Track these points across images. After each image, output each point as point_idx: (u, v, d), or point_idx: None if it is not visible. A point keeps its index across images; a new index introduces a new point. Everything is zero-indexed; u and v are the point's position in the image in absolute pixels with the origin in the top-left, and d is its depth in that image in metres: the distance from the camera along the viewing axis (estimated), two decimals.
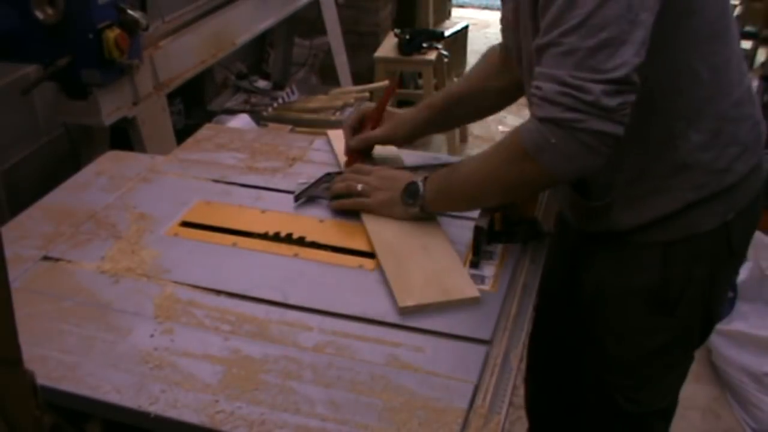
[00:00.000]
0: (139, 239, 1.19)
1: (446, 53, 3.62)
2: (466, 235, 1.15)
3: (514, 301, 1.07)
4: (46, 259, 1.15)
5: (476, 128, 3.99)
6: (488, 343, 0.97)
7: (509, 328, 1.01)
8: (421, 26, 4.24)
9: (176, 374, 0.91)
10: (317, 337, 0.98)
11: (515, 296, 1.08)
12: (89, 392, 0.89)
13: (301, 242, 1.18)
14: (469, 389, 0.90)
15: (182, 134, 1.75)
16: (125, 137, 1.92)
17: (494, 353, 0.96)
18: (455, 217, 1.23)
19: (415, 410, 0.86)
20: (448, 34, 3.81)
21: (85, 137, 1.96)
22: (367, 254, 1.14)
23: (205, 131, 1.58)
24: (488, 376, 0.92)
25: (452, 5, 5.03)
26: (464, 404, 0.87)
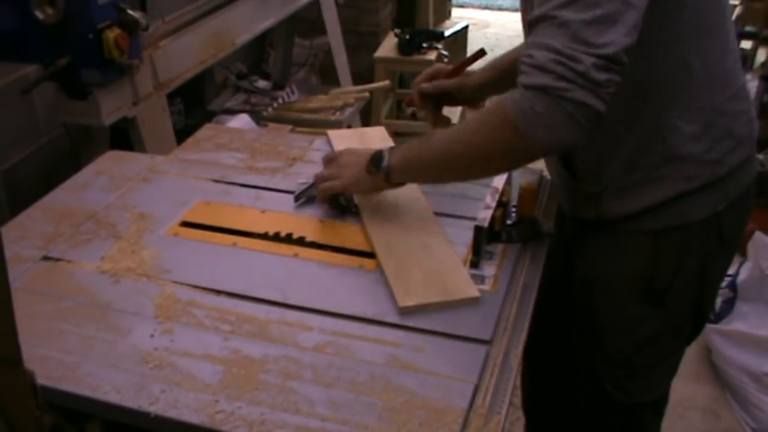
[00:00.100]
0: (139, 239, 1.19)
1: (446, 53, 3.62)
2: (466, 235, 1.15)
3: (514, 301, 1.07)
4: (46, 259, 1.15)
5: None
6: (488, 343, 0.97)
7: (509, 328, 1.01)
8: (421, 26, 4.24)
9: (176, 374, 0.92)
10: (317, 337, 0.98)
11: (515, 296, 1.08)
12: (89, 392, 0.89)
13: (301, 242, 1.18)
14: (469, 389, 0.90)
15: (182, 134, 1.75)
16: (125, 137, 1.92)
17: (494, 353, 0.96)
18: (455, 217, 1.23)
19: (415, 410, 0.86)
20: (448, 34, 3.81)
21: (85, 137, 1.96)
22: (367, 254, 1.14)
23: (205, 131, 1.58)
24: (488, 376, 0.92)
25: (452, 5, 5.02)
26: (464, 404, 0.87)
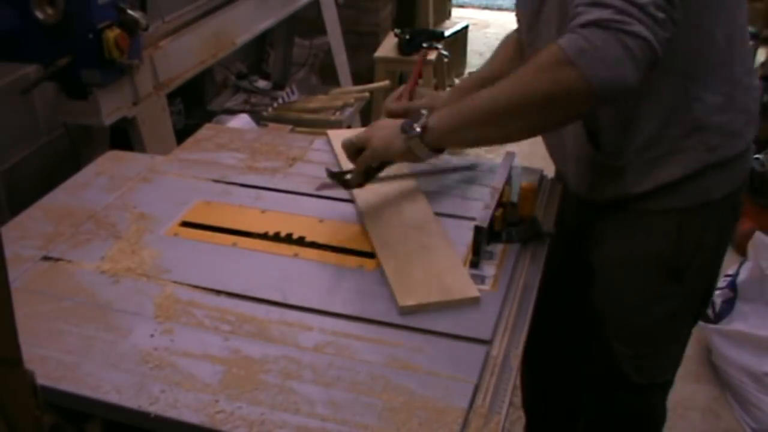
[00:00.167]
0: (139, 239, 1.19)
1: (446, 53, 3.62)
2: (466, 235, 1.15)
3: (514, 301, 1.07)
4: (46, 259, 1.15)
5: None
6: (488, 343, 0.97)
7: (509, 328, 1.01)
8: (421, 26, 4.24)
9: (176, 374, 0.92)
10: (317, 337, 0.98)
11: (515, 296, 1.08)
12: (89, 392, 0.89)
13: (301, 242, 1.18)
14: (469, 389, 0.90)
15: (182, 134, 1.75)
16: (125, 137, 1.92)
17: (494, 353, 0.96)
18: (455, 217, 1.23)
19: (415, 410, 0.86)
20: (448, 34, 3.81)
21: (85, 137, 1.96)
22: (367, 254, 1.14)
23: (205, 131, 1.58)
24: (488, 376, 0.92)
25: (452, 5, 5.01)
26: (464, 404, 0.87)
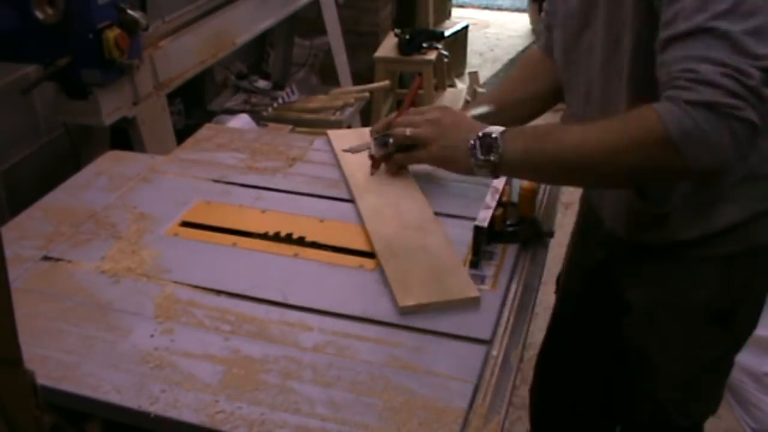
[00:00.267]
0: (139, 239, 1.19)
1: (446, 53, 3.63)
2: (466, 235, 1.15)
3: (514, 301, 1.06)
4: (46, 259, 1.15)
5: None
6: (488, 343, 0.97)
7: (509, 328, 1.01)
8: (421, 26, 4.24)
9: (176, 374, 0.92)
10: (317, 337, 0.98)
11: (515, 296, 1.07)
12: (89, 392, 0.89)
13: (301, 242, 1.18)
14: (469, 389, 0.90)
15: (182, 134, 1.75)
16: (125, 137, 1.92)
17: (494, 353, 0.96)
18: (455, 217, 1.23)
19: (415, 410, 0.86)
20: (448, 34, 3.81)
21: (85, 137, 1.96)
22: (367, 254, 1.14)
23: (205, 131, 1.58)
24: (488, 376, 0.92)
25: (452, 5, 5.01)
26: (464, 404, 0.87)
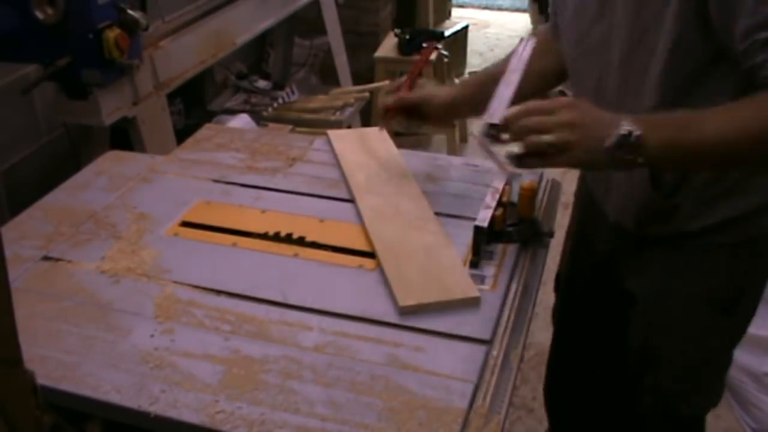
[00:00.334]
0: (139, 239, 1.19)
1: (446, 53, 3.62)
2: (466, 235, 1.15)
3: (514, 301, 1.06)
4: (46, 259, 1.15)
5: (476, 128, 3.99)
6: (488, 343, 0.97)
7: (509, 328, 1.01)
8: (421, 26, 4.24)
9: (176, 374, 0.92)
10: (317, 337, 0.98)
11: (515, 296, 1.07)
12: (89, 392, 0.89)
13: (301, 242, 1.18)
14: (469, 389, 0.90)
15: (182, 134, 1.75)
16: (125, 137, 1.92)
17: (494, 353, 0.96)
18: (455, 217, 1.23)
19: (415, 410, 0.86)
20: (448, 34, 3.80)
21: (85, 137, 1.96)
22: (367, 254, 1.14)
23: (205, 131, 1.58)
24: (488, 376, 0.92)
25: (452, 5, 5.01)
26: (464, 404, 0.87)
